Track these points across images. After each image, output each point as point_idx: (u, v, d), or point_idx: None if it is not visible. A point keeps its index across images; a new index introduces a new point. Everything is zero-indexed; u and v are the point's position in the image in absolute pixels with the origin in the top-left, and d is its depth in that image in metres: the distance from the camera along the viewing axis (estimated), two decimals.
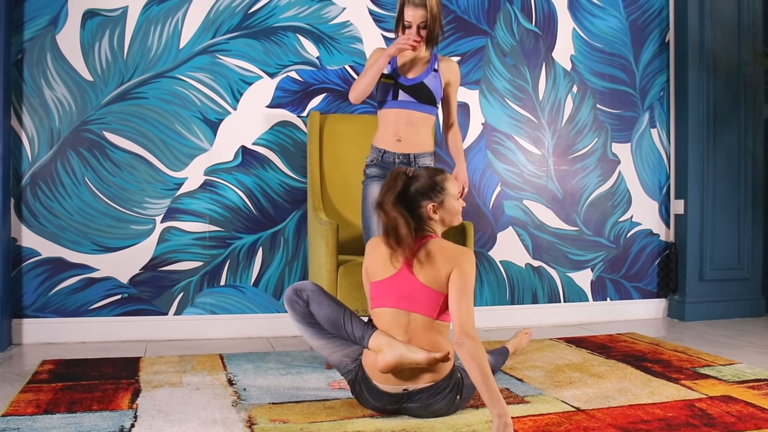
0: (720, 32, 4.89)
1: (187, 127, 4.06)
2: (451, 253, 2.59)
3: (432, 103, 3.35)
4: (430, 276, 2.57)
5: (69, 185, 3.90)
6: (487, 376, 2.37)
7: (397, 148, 3.32)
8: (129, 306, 4.00)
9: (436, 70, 3.36)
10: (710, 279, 4.90)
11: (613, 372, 3.32)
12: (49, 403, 2.71)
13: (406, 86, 3.32)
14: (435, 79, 3.35)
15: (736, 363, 3.52)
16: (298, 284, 2.80)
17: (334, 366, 2.79)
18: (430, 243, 2.63)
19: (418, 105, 3.32)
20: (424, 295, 2.58)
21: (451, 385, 2.59)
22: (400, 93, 3.31)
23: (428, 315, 2.58)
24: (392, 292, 2.63)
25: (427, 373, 2.57)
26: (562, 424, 2.54)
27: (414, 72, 3.35)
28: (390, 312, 2.62)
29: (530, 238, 4.68)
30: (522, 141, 4.65)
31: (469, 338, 2.42)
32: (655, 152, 4.98)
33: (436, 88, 3.35)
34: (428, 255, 2.60)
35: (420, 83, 3.32)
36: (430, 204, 2.66)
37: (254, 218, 4.16)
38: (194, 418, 2.59)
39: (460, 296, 2.51)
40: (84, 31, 3.91)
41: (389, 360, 2.52)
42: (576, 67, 4.76)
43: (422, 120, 3.34)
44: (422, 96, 3.32)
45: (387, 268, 2.66)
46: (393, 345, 2.54)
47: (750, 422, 2.57)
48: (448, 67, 3.42)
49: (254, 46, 4.14)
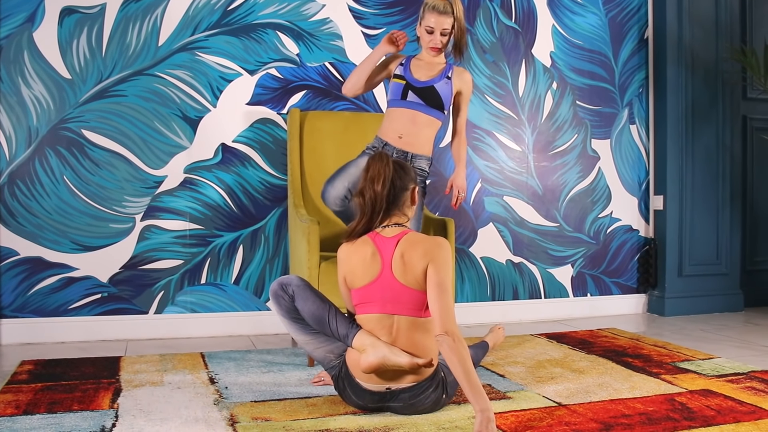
0: (698, 29, 4.93)
1: (167, 124, 4.04)
2: (424, 248, 2.56)
3: (440, 108, 3.33)
4: (410, 276, 2.55)
5: (47, 184, 3.87)
6: (469, 372, 2.37)
7: (398, 144, 3.30)
8: (109, 305, 3.98)
9: (449, 78, 3.35)
10: (689, 274, 4.94)
11: (594, 367, 3.33)
12: (29, 404, 2.69)
13: (416, 87, 3.30)
14: (446, 86, 3.33)
15: (716, 357, 3.55)
16: (284, 278, 2.76)
17: (318, 361, 2.78)
18: (405, 240, 2.61)
19: (425, 107, 3.30)
20: (408, 297, 2.56)
21: (434, 384, 2.58)
22: (410, 93, 3.30)
23: (413, 315, 2.57)
24: (376, 297, 2.61)
25: (410, 374, 2.56)
26: (543, 420, 2.55)
27: (427, 76, 3.34)
28: (375, 317, 2.61)
29: (511, 234, 4.69)
30: (502, 137, 4.67)
31: (450, 335, 2.40)
32: (635, 148, 5.01)
33: (446, 95, 3.33)
34: (404, 254, 2.57)
35: (430, 87, 3.30)
36: (415, 186, 2.70)
37: (235, 216, 4.15)
38: (176, 417, 2.57)
39: (438, 292, 2.48)
40: (62, 29, 3.87)
41: (372, 361, 2.51)
42: (555, 63, 4.78)
43: (426, 122, 3.32)
44: (430, 99, 3.30)
45: (367, 273, 2.63)
46: (376, 346, 2.53)
47: (729, 416, 2.60)
48: (461, 77, 3.41)
49: (234, 44, 4.13)
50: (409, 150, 3.31)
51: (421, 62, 3.38)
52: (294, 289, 2.73)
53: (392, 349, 2.53)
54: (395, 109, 3.34)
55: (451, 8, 3.26)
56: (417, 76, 3.33)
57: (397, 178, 2.65)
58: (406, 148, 3.30)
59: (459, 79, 3.39)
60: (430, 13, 3.27)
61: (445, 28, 3.28)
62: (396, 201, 2.66)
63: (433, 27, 3.27)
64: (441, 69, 3.37)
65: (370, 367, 2.52)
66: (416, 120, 3.30)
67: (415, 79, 3.31)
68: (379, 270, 2.61)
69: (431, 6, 3.27)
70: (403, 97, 3.30)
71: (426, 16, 3.29)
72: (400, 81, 3.32)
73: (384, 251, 2.61)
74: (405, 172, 2.68)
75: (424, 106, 3.30)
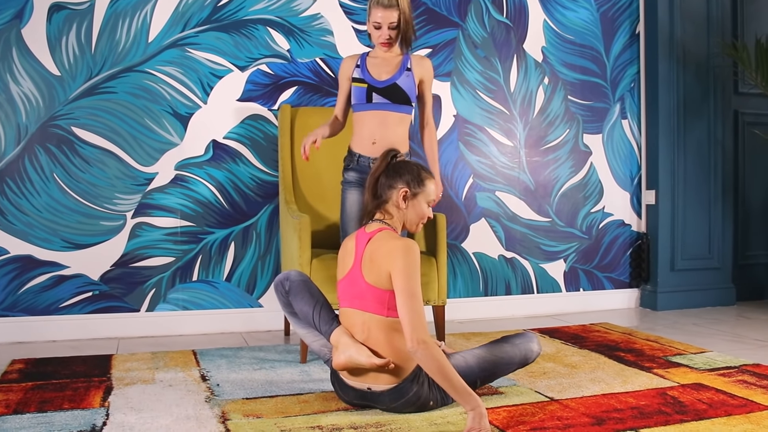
0: (689, 24, 4.93)
1: (157, 121, 4.02)
2: (387, 250, 2.50)
3: (407, 102, 3.33)
4: (374, 275, 2.52)
5: (37, 182, 3.85)
6: (449, 378, 2.34)
7: (372, 151, 3.31)
8: (100, 303, 3.96)
9: (409, 69, 3.34)
10: (681, 269, 4.95)
11: (587, 362, 3.33)
12: (19, 403, 2.68)
13: (380, 88, 3.30)
14: (408, 79, 3.32)
15: (708, 351, 3.55)
16: (285, 273, 2.78)
17: (315, 354, 2.84)
18: (376, 238, 2.58)
19: (392, 106, 3.30)
20: (371, 295, 2.53)
21: (415, 387, 2.52)
22: (374, 95, 3.30)
23: (379, 314, 2.53)
24: (347, 292, 2.62)
25: (387, 375, 2.53)
26: (536, 415, 2.55)
27: (386, 73, 3.33)
28: (346, 312, 2.63)
29: (503, 229, 4.69)
30: (494, 133, 4.66)
31: (420, 343, 2.35)
32: (626, 143, 5.01)
33: (410, 88, 3.32)
34: (372, 253, 2.55)
35: (393, 84, 3.30)
36: (404, 189, 2.62)
37: (226, 213, 4.14)
38: (167, 414, 2.57)
39: (404, 299, 2.42)
40: (50, 25, 3.85)
41: (339, 360, 2.54)
42: (547, 58, 4.77)
43: (397, 120, 3.32)
44: (396, 97, 3.30)
45: (344, 268, 2.66)
46: (345, 345, 2.54)
47: (721, 409, 2.60)
48: (421, 65, 3.39)
49: (224, 40, 4.11)
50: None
51: (377, 59, 3.38)
52: (290, 284, 2.74)
53: (359, 348, 2.51)
54: (363, 113, 3.34)
55: (396, 1, 3.26)
56: (377, 76, 3.32)
57: (383, 175, 2.64)
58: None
59: (419, 67, 3.38)
60: (376, 8, 3.27)
61: (392, 21, 3.27)
62: (377, 196, 2.65)
63: (380, 22, 3.27)
64: (399, 63, 3.36)
65: (338, 365, 2.54)
66: (386, 120, 3.31)
67: (376, 80, 3.31)
68: (351, 265, 2.62)
69: (376, 1, 3.27)
70: (368, 100, 3.31)
71: (372, 12, 3.29)
72: (361, 84, 3.32)
73: (358, 246, 2.61)
74: (395, 173, 2.64)
75: (392, 105, 3.30)
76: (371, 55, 3.40)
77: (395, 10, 3.25)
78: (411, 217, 2.66)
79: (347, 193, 3.38)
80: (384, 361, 2.47)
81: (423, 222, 2.69)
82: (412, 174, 2.64)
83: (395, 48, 3.37)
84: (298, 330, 2.83)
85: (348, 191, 3.38)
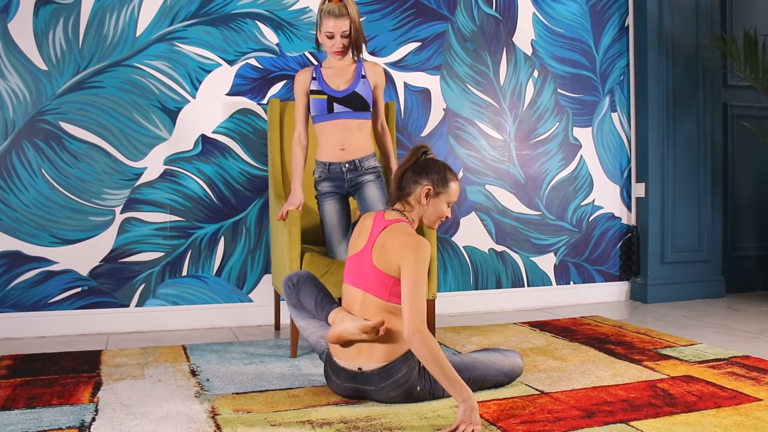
0: (678, 16, 4.93)
1: (146, 116, 4.00)
2: (400, 243, 2.56)
3: (366, 108, 3.43)
4: (384, 261, 2.57)
5: (25, 177, 3.82)
6: (443, 367, 2.37)
7: (342, 157, 3.41)
8: (89, 299, 3.94)
9: (364, 76, 3.44)
10: (671, 261, 4.96)
11: (577, 355, 3.34)
12: (7, 399, 2.66)
13: (340, 98, 3.39)
14: (365, 86, 3.42)
15: (697, 343, 3.56)
16: (293, 272, 2.94)
17: (311, 346, 2.90)
18: (391, 228, 2.63)
19: (353, 113, 3.40)
20: (376, 278, 2.59)
21: (405, 367, 2.55)
22: (335, 105, 3.38)
23: (379, 296, 2.58)
24: (353, 270, 2.69)
25: (379, 350, 2.56)
26: (526, 408, 2.55)
27: (344, 83, 3.42)
28: (348, 289, 2.70)
29: (493, 223, 4.69)
30: (484, 126, 4.66)
31: (416, 332, 2.39)
32: (616, 136, 5.01)
33: (368, 94, 3.42)
34: (385, 241, 2.60)
35: (353, 93, 3.40)
36: (428, 186, 2.67)
37: (215, 207, 4.12)
38: (156, 410, 2.56)
39: (408, 290, 2.48)
40: (37, 19, 3.83)
41: (334, 332, 2.59)
42: (537, 51, 4.77)
43: (360, 126, 3.42)
44: (356, 104, 3.40)
45: (355, 246, 2.72)
46: (342, 319, 2.60)
47: (710, 401, 2.61)
48: (374, 71, 3.50)
49: (213, 34, 4.09)
50: (355, 157, 3.42)
51: (331, 69, 3.46)
52: (298, 278, 2.90)
53: (355, 319, 2.57)
54: (325, 123, 3.42)
55: (347, 10, 3.36)
56: (335, 86, 3.41)
57: (411, 170, 2.69)
58: (351, 157, 3.42)
59: (373, 73, 3.49)
60: (327, 18, 3.35)
61: (344, 30, 3.36)
62: (402, 187, 2.70)
63: (332, 31, 3.36)
64: (354, 71, 3.45)
65: (333, 337, 2.60)
66: (350, 127, 3.40)
67: (334, 90, 3.40)
68: (363, 245, 2.67)
69: (327, 11, 3.36)
70: (330, 111, 3.39)
71: (324, 22, 3.37)
72: (320, 96, 3.39)
73: (374, 230, 2.67)
74: (423, 169, 2.68)
75: (353, 112, 3.40)
76: (325, 66, 3.48)
77: (346, 18, 3.35)
78: (430, 214, 2.72)
79: (324, 204, 3.45)
80: (376, 322, 2.51)
81: (441, 221, 2.76)
82: (439, 173, 2.69)
83: (347, 56, 3.47)
84: (298, 322, 2.91)
85: (325, 202, 3.45)
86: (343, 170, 3.41)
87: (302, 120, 3.51)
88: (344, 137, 3.40)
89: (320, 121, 3.42)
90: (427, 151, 2.74)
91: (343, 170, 3.41)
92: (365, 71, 3.46)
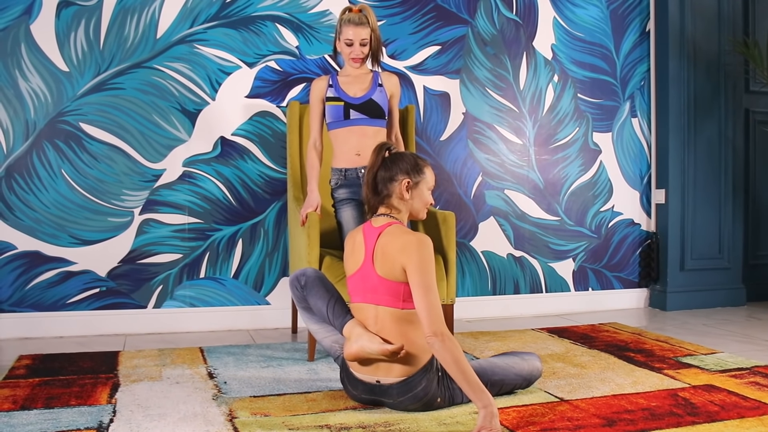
0: (700, 21, 4.89)
1: (165, 117, 4.01)
2: (401, 245, 2.52)
3: (382, 116, 3.45)
4: (387, 268, 2.53)
5: (45, 177, 3.84)
6: (465, 371, 2.34)
7: (358, 162, 3.41)
8: (107, 299, 3.95)
9: (381, 85, 3.47)
10: (691, 269, 4.92)
11: (596, 362, 3.31)
12: (26, 399, 2.67)
13: (356, 105, 3.40)
14: (381, 94, 3.45)
15: (718, 352, 3.52)
16: (300, 269, 2.82)
17: (326, 351, 2.89)
18: (386, 232, 2.58)
19: (369, 120, 3.42)
20: (384, 289, 2.54)
21: (424, 381, 2.52)
22: (351, 111, 3.40)
23: (393, 306, 2.54)
24: (359, 287, 2.62)
25: (398, 366, 2.52)
26: (546, 415, 2.53)
27: (361, 90, 3.45)
28: (358, 306, 2.64)
29: (512, 228, 4.67)
30: (503, 130, 4.63)
31: (437, 335, 2.36)
32: (636, 142, 4.98)
33: (384, 102, 3.46)
34: (384, 247, 2.55)
35: (369, 100, 3.42)
36: (406, 179, 2.62)
37: (234, 210, 4.12)
38: (174, 412, 2.55)
39: (420, 293, 2.44)
40: (59, 21, 3.84)
41: (351, 350, 2.54)
42: (557, 56, 4.75)
43: (375, 133, 3.42)
44: (373, 111, 3.42)
45: (354, 263, 2.65)
46: (358, 335, 2.54)
47: (733, 411, 2.57)
48: (390, 81, 3.53)
49: (232, 36, 4.09)
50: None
51: (348, 77, 3.49)
52: (306, 279, 2.78)
53: (371, 337, 2.52)
54: (341, 129, 3.43)
55: (367, 19, 3.39)
56: (352, 93, 3.44)
57: (381, 169, 2.64)
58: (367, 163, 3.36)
59: (389, 83, 3.52)
60: (347, 26, 3.39)
61: (364, 38, 3.40)
62: (378, 191, 2.64)
63: (352, 39, 3.39)
64: (371, 79, 3.49)
65: (350, 355, 2.55)
66: (365, 133, 3.42)
67: (351, 97, 3.42)
68: (362, 260, 2.62)
69: (347, 19, 3.40)
70: (346, 117, 3.40)
71: (344, 30, 3.40)
72: (337, 103, 3.41)
73: (368, 241, 2.61)
74: (393, 165, 2.64)
75: (368, 119, 3.42)
76: (342, 74, 3.51)
77: (366, 27, 3.39)
78: (417, 205, 2.68)
79: (342, 211, 3.44)
80: (396, 346, 2.46)
81: (427, 208, 2.72)
82: (410, 163, 2.65)
83: (364, 65, 3.50)
84: (310, 326, 2.84)
85: (342, 209, 3.44)
86: (359, 176, 3.41)
87: (317, 127, 3.51)
88: (360, 143, 3.40)
89: (336, 127, 3.43)
90: (390, 147, 2.70)
91: (359, 176, 3.41)
92: (382, 80, 3.49)
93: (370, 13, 3.41)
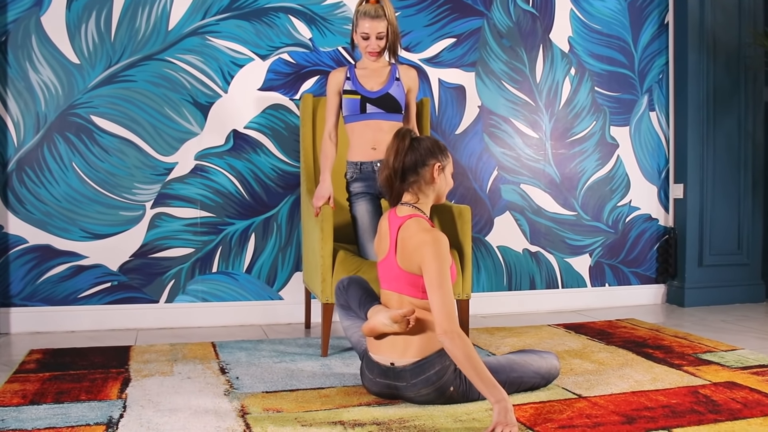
0: (720, 13, 4.81)
1: (177, 110, 3.97)
2: (417, 243, 2.51)
3: (399, 110, 3.42)
4: (406, 261, 2.55)
5: (56, 171, 3.81)
6: (477, 367, 2.32)
7: (373, 156, 3.40)
8: (119, 294, 3.92)
9: (398, 79, 3.44)
10: (710, 264, 4.84)
11: (614, 358, 3.25)
12: (36, 394, 2.64)
13: (373, 99, 3.38)
14: (398, 88, 3.42)
15: (739, 349, 3.46)
16: (345, 276, 2.97)
17: (354, 346, 2.90)
18: (405, 227, 2.58)
19: (386, 114, 3.39)
20: (405, 280, 2.57)
21: (437, 366, 2.50)
22: (368, 105, 3.38)
23: (414, 296, 2.56)
24: (384, 274, 2.67)
25: (413, 346, 2.52)
26: (563, 412, 2.47)
27: (378, 84, 3.42)
28: (385, 293, 2.69)
29: (528, 222, 4.61)
30: (519, 124, 4.57)
31: (448, 333, 2.36)
32: (654, 136, 4.91)
33: (401, 96, 3.43)
34: (403, 241, 2.56)
35: (386, 94, 3.39)
36: (437, 163, 2.61)
37: (246, 204, 4.08)
38: (185, 407, 2.51)
39: (434, 290, 2.44)
40: (70, 13, 3.81)
41: (369, 323, 2.58)
42: (574, 48, 4.68)
43: (391, 127, 3.36)
44: (389, 106, 3.39)
45: (381, 251, 2.68)
46: (377, 311, 2.59)
47: (756, 409, 2.51)
48: (408, 75, 3.50)
49: (245, 28, 4.05)
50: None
51: (366, 70, 3.46)
52: (349, 281, 2.89)
53: (388, 311, 2.55)
54: (357, 123, 3.41)
55: (383, 12, 3.35)
56: (369, 87, 3.41)
57: (409, 154, 2.60)
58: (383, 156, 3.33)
59: (407, 77, 3.50)
60: (363, 18, 3.35)
61: (380, 31, 3.37)
62: (406, 179, 2.61)
63: (368, 32, 3.36)
64: (389, 73, 3.45)
65: (367, 327, 2.58)
66: (381, 127, 3.39)
67: (368, 90, 3.40)
68: (387, 249, 2.64)
69: (363, 12, 3.36)
70: (362, 111, 3.38)
71: (360, 23, 3.36)
72: (354, 96, 3.39)
73: (392, 231, 2.63)
74: (422, 149, 2.60)
75: (385, 113, 3.39)
76: (359, 67, 3.48)
77: (383, 20, 3.35)
78: (443, 189, 2.68)
79: (357, 205, 3.42)
80: (406, 310, 2.48)
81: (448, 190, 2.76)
82: (438, 147, 2.65)
83: (382, 58, 3.46)
84: (343, 322, 2.93)
85: (357, 203, 3.42)
86: (375, 169, 3.39)
87: (333, 119, 3.48)
88: (376, 137, 3.38)
89: (352, 121, 3.41)
90: (411, 133, 2.66)
91: (374, 169, 3.39)
92: (399, 74, 3.45)
93: (388, 5, 3.36)
